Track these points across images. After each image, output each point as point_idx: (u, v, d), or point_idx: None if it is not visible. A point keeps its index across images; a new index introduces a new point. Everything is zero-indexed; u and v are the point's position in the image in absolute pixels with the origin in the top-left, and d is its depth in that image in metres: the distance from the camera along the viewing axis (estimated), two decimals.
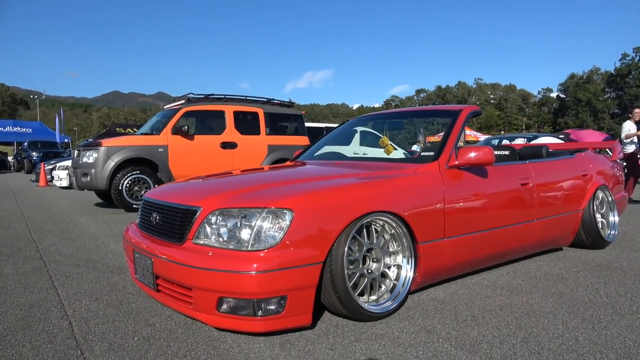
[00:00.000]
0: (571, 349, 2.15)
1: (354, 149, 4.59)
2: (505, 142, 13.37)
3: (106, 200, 8.43)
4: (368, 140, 4.82)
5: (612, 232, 4.42)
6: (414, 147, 4.97)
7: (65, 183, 11.77)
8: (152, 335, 2.34)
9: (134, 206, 7.37)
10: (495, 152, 4.06)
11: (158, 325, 2.48)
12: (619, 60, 68.18)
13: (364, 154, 4.36)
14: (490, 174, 3.23)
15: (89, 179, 7.35)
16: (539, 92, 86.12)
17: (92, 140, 9.28)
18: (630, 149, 8.44)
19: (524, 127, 74.88)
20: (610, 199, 4.45)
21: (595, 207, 4.17)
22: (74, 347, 2.21)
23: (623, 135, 8.49)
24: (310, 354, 2.12)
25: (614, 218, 4.46)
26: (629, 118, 8.71)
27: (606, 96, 69.24)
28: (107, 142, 7.51)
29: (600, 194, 4.32)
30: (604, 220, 4.37)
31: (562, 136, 15.95)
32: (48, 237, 5.08)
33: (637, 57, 65.08)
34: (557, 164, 4.06)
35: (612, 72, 68.58)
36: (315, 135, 9.03)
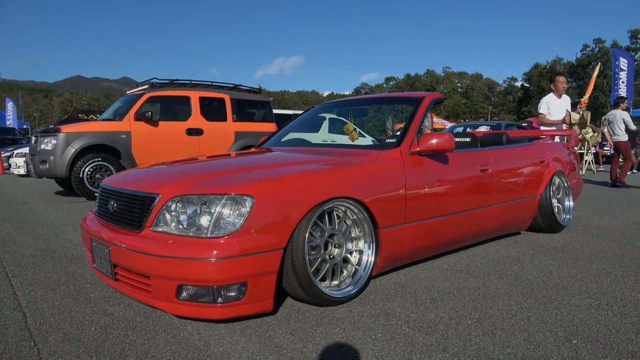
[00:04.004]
0: (523, 328, 2.24)
1: (323, 136, 4.58)
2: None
3: (67, 188, 8.17)
4: (337, 127, 4.82)
5: (568, 216, 4.59)
6: None
7: (22, 171, 11.35)
8: (110, 325, 2.30)
9: (96, 194, 7.16)
10: (457, 139, 4.14)
11: (116, 315, 2.43)
12: (580, 51, 70.41)
13: (333, 141, 4.36)
14: (451, 161, 3.30)
15: (47, 166, 7.10)
16: (504, 81, 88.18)
17: (51, 126, 8.95)
18: (625, 137, 8.98)
19: (490, 116, 76.55)
20: (566, 184, 4.61)
21: (551, 193, 4.32)
22: (27, 338, 2.15)
23: (633, 125, 8.98)
24: (271, 339, 2.13)
25: (569, 203, 4.64)
26: (617, 107, 9.31)
27: (568, 86, 71.46)
28: (66, 129, 7.25)
29: (556, 180, 4.48)
30: (559, 205, 4.54)
31: (525, 124, 16.50)
32: (3, 227, 4.89)
33: (597, 48, 67.27)
34: (515, 150, 4.18)
35: (574, 62, 70.75)
36: (284, 122, 8.99)
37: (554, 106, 6.43)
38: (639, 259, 3.52)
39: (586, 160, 12.02)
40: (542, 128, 6.55)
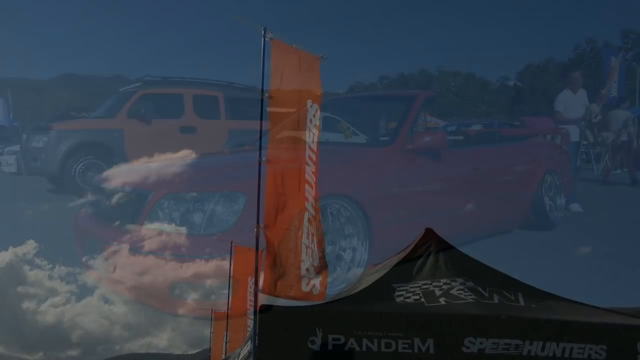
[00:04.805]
0: (515, 326, 2.24)
1: None
2: None
3: (58, 186, 8.10)
4: (330, 125, 4.82)
5: (559, 214, 4.62)
6: None
7: (13, 169, 11.23)
8: (103, 323, 2.29)
9: (88, 192, 7.12)
10: (450, 138, 4.15)
11: (110, 312, 2.42)
12: (573, 51, 70.91)
13: (326, 140, 4.36)
14: (444, 159, 3.30)
15: (39, 164, 7.04)
16: (497, 81, 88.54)
17: (43, 124, 8.89)
18: (625, 137, 9.07)
19: (480, 116, 76.89)
20: (558, 182, 4.64)
21: (543, 191, 4.34)
22: None
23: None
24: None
25: (560, 201, 4.66)
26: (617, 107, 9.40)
27: (560, 85, 71.97)
28: (58, 126, 7.21)
29: (549, 178, 4.50)
30: (551, 203, 4.56)
31: (518, 123, 16.60)
32: None
33: (589, 48, 67.87)
34: (508, 149, 4.20)
35: (566, 62, 71.21)
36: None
37: (571, 102, 6.25)
38: (631, 255, 3.55)
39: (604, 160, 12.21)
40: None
